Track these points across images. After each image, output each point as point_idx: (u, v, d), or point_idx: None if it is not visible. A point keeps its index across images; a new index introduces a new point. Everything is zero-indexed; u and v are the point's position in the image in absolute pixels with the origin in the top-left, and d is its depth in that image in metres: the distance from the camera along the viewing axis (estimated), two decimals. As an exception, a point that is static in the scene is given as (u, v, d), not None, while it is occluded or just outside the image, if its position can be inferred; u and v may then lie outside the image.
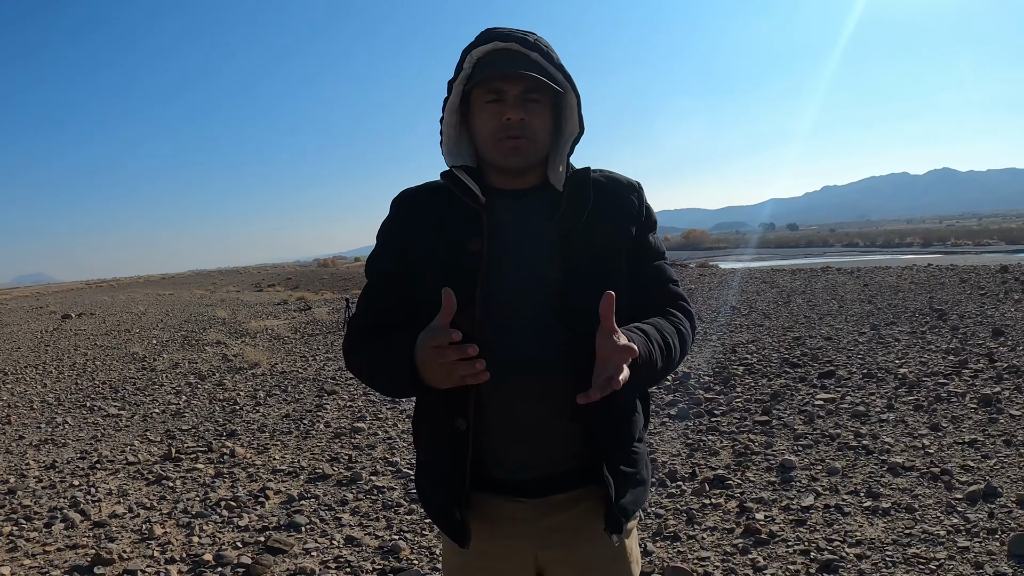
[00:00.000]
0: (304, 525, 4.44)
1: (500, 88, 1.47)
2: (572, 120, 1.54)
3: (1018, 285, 13.60)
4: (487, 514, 1.55)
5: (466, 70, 1.51)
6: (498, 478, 1.53)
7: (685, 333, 1.56)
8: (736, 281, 20.37)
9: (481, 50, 1.49)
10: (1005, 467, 4.53)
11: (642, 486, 1.61)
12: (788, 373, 7.67)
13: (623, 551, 1.62)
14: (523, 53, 1.47)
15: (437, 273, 1.50)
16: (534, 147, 1.50)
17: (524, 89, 1.47)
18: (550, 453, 1.51)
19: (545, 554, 1.57)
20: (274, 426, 7.00)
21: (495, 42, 1.48)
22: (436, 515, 1.59)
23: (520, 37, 1.48)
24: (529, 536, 1.55)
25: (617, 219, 1.57)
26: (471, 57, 1.50)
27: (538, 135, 1.50)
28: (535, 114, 1.48)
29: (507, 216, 1.53)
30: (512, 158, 1.49)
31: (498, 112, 1.47)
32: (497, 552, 1.57)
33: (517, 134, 1.47)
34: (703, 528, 4.05)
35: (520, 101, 1.47)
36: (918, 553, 3.53)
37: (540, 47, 1.49)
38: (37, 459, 6.31)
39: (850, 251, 51.93)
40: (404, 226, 1.60)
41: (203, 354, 12.27)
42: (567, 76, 1.51)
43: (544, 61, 1.48)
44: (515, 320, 1.48)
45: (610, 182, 1.61)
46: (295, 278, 40.37)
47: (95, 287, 47.38)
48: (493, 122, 1.48)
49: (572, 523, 1.55)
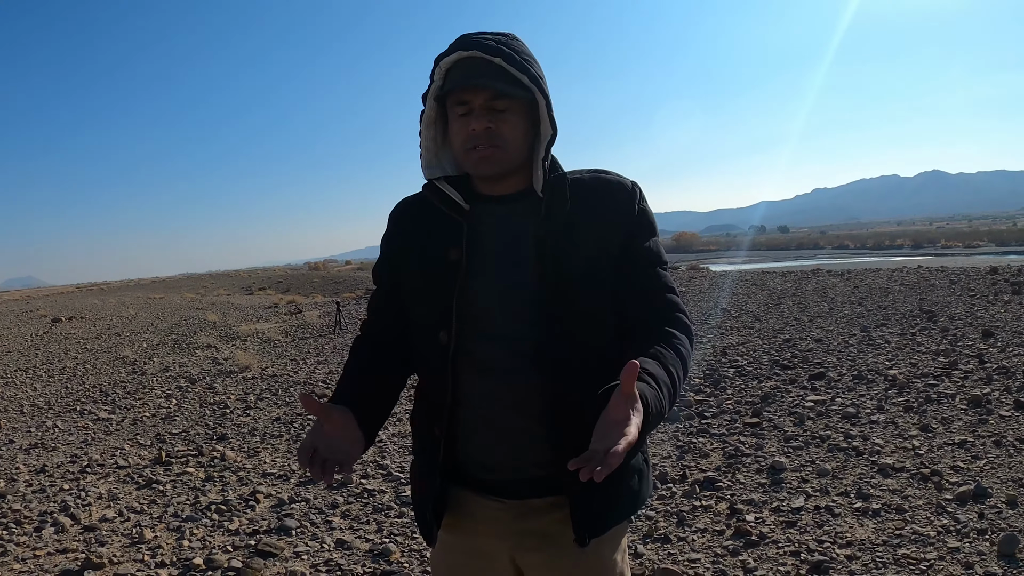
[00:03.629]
0: (295, 528, 4.43)
1: (465, 99, 1.46)
2: (546, 122, 1.50)
3: (1008, 286, 13.67)
4: (469, 512, 1.56)
5: (436, 82, 1.49)
6: (478, 477, 1.54)
7: (686, 355, 1.44)
8: (727, 283, 20.43)
9: (448, 60, 1.47)
10: (995, 468, 4.55)
11: (628, 496, 1.56)
12: (778, 375, 7.69)
13: (602, 563, 1.57)
14: (486, 60, 1.44)
15: (419, 283, 1.55)
16: (505, 154, 1.47)
17: (488, 98, 1.44)
18: (526, 457, 1.50)
19: (520, 557, 1.57)
20: (265, 430, 6.98)
21: (458, 51, 1.45)
22: (416, 512, 1.63)
23: (483, 43, 1.44)
24: (505, 537, 1.55)
25: (600, 223, 1.51)
26: (440, 68, 1.48)
27: (508, 140, 1.47)
28: (503, 121, 1.46)
29: (488, 223, 1.53)
30: (483, 167, 1.48)
31: (466, 123, 1.46)
32: (478, 549, 1.59)
33: (483, 143, 1.45)
34: (693, 530, 4.06)
35: (484, 111, 1.45)
36: (908, 554, 3.54)
37: (503, 51, 1.44)
38: (27, 463, 6.27)
39: (840, 253, 52.12)
40: (396, 236, 1.64)
41: (193, 358, 12.23)
42: (533, 77, 1.46)
43: (508, 65, 1.43)
44: (491, 327, 1.48)
45: (598, 183, 1.55)
46: (285, 281, 40.26)
47: (85, 290, 47.13)
48: (463, 133, 1.47)
49: (546, 529, 1.53)
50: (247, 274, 54.23)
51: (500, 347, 1.47)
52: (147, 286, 47.17)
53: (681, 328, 1.46)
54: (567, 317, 1.45)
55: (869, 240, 64.89)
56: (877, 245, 57.74)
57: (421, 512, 1.60)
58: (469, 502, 1.56)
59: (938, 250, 46.58)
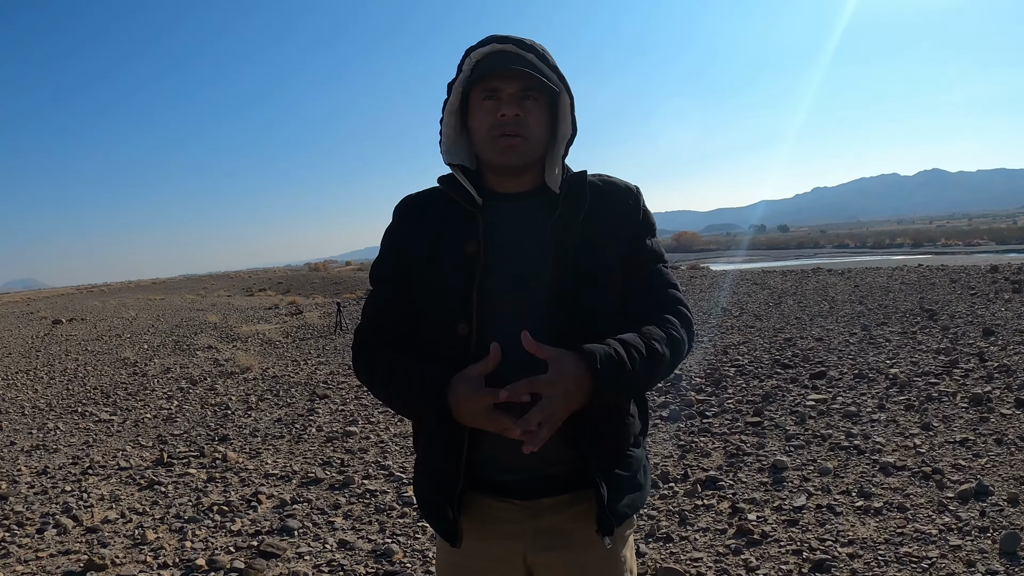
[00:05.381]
0: (297, 529, 4.43)
1: (496, 86, 1.49)
2: (566, 121, 1.55)
3: (1008, 285, 13.67)
4: (479, 514, 1.55)
5: (465, 72, 1.52)
6: (490, 478, 1.54)
7: (679, 339, 1.53)
8: (727, 283, 20.43)
9: (480, 52, 1.51)
10: (996, 466, 4.56)
11: (638, 491, 1.59)
12: (779, 374, 7.69)
13: (614, 558, 1.60)
14: (518, 54, 1.49)
15: (434, 276, 1.54)
16: (529, 145, 1.51)
17: (520, 87, 1.48)
18: (541, 455, 1.48)
19: (533, 556, 1.57)
20: (266, 430, 6.98)
21: (493, 44, 1.50)
22: (430, 514, 1.59)
23: (517, 39, 1.51)
24: (518, 537, 1.56)
25: (612, 223, 1.57)
26: (471, 59, 1.52)
27: (533, 133, 1.50)
28: (530, 111, 1.49)
29: (503, 219, 1.54)
30: (507, 155, 1.50)
31: (494, 109, 1.49)
32: (488, 551, 1.58)
33: (512, 131, 1.48)
34: (696, 529, 4.06)
35: (516, 98, 1.48)
36: (910, 552, 3.54)
37: (536, 49, 1.51)
38: (29, 465, 6.28)
39: (841, 252, 52.14)
40: (405, 231, 1.62)
41: (194, 359, 12.24)
42: (561, 78, 1.53)
43: (539, 62, 1.50)
44: (507, 322, 1.48)
45: (607, 186, 1.61)
46: (286, 282, 40.25)
47: (86, 292, 47.14)
48: (489, 119, 1.49)
49: (560, 526, 1.55)
50: (247, 275, 54.26)
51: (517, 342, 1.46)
52: (147, 287, 47.18)
53: (679, 316, 1.57)
54: (582, 313, 1.48)
55: (869, 239, 64.92)
56: (877, 244, 57.76)
57: (440, 512, 1.54)
58: (481, 504, 1.55)
59: (938, 248, 46.59)
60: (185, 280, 55.06)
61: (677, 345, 1.52)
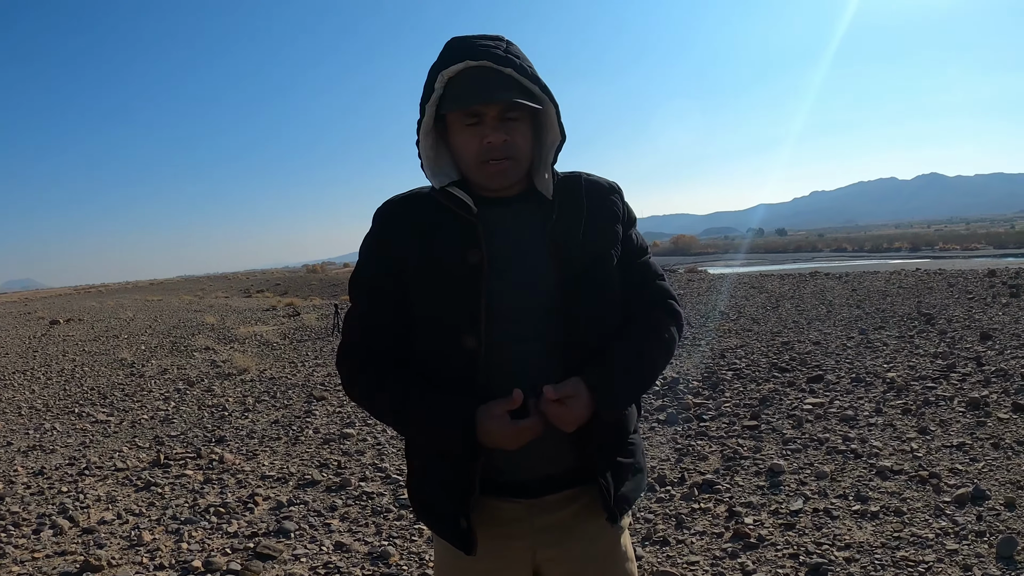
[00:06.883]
0: (293, 531, 4.43)
1: (478, 111, 1.44)
2: (553, 129, 1.52)
3: (1005, 289, 13.69)
4: (484, 515, 1.54)
5: (438, 90, 1.46)
6: (495, 480, 1.53)
7: (669, 338, 1.57)
8: (725, 286, 20.44)
9: (452, 70, 1.44)
10: (993, 470, 4.56)
11: (640, 473, 1.64)
12: (777, 378, 7.70)
13: (617, 548, 1.64)
14: (496, 70, 1.43)
15: (437, 286, 1.49)
16: (519, 165, 1.49)
17: (502, 109, 1.44)
18: (545, 454, 1.51)
19: (541, 553, 1.59)
20: (263, 432, 6.97)
21: (466, 61, 1.43)
22: (436, 522, 1.57)
23: (492, 54, 1.43)
24: (525, 536, 1.57)
25: (606, 223, 1.57)
26: (442, 77, 1.45)
27: (521, 151, 1.48)
28: (516, 131, 1.46)
29: (499, 225, 1.52)
30: (498, 179, 1.48)
31: (479, 134, 1.45)
32: (494, 552, 1.57)
33: (500, 156, 1.45)
34: (692, 533, 4.06)
35: (499, 122, 1.44)
36: (907, 556, 3.54)
37: (513, 62, 1.44)
38: (25, 465, 6.26)
39: (839, 256, 52.17)
40: (392, 238, 1.55)
41: (192, 360, 12.22)
42: (543, 87, 1.47)
43: (518, 75, 1.44)
44: (513, 328, 1.48)
45: (593, 187, 1.60)
46: (284, 284, 40.22)
47: (83, 293, 47.11)
48: (474, 145, 1.46)
49: (566, 521, 1.57)
50: (245, 276, 54.23)
51: (523, 347, 1.48)
52: (145, 288, 47.15)
53: (668, 311, 1.63)
54: (585, 315, 1.48)
55: (867, 243, 65.01)
56: (875, 248, 57.84)
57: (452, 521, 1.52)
58: (488, 506, 1.54)
59: (936, 253, 46.65)
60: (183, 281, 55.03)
61: (670, 346, 1.59)
